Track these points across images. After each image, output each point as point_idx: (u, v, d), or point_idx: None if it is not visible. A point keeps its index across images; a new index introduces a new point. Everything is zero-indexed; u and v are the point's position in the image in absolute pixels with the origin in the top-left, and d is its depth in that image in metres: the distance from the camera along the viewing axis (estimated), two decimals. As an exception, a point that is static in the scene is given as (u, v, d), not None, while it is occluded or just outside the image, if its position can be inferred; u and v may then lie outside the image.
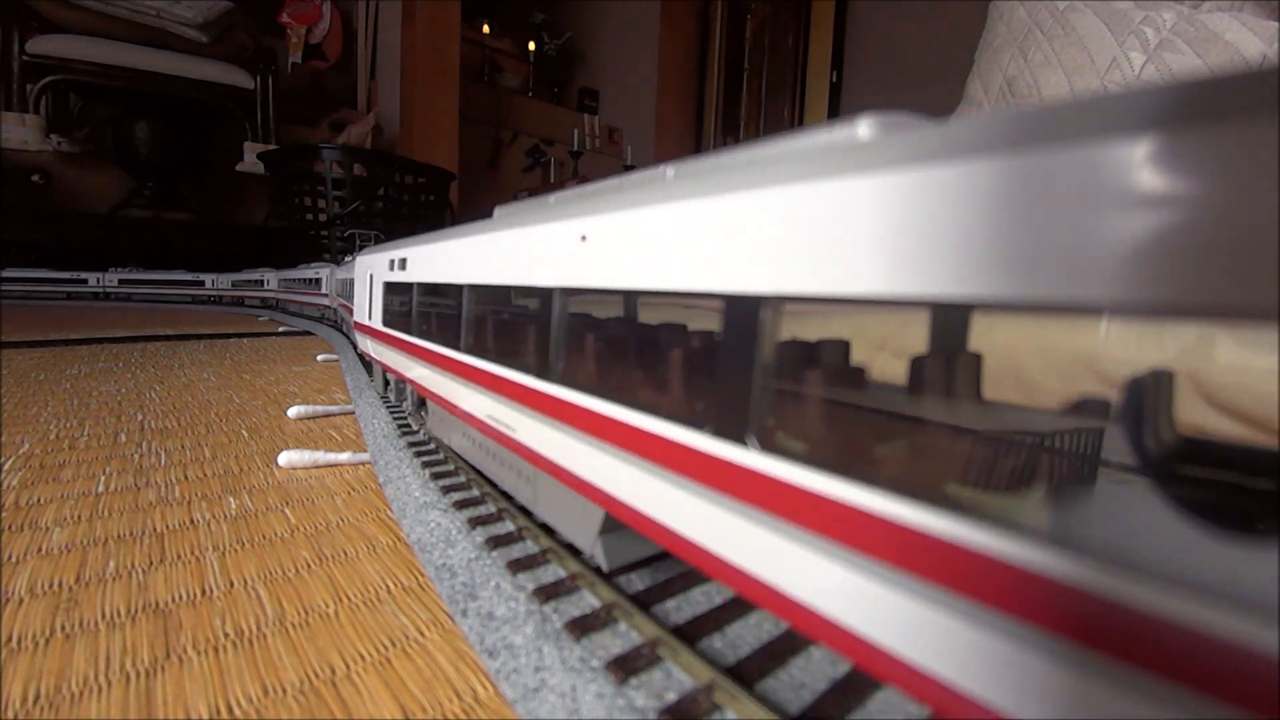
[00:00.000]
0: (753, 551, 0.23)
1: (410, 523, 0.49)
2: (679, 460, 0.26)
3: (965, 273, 0.16)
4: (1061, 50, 1.44)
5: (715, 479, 0.25)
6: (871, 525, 0.19)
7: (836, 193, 0.20)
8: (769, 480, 0.22)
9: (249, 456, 0.69)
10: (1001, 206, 0.15)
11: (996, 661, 0.16)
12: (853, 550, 0.19)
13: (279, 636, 0.35)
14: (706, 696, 0.29)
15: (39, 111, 3.35)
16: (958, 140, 0.17)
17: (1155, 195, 0.13)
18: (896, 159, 0.18)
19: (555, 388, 0.37)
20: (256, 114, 3.78)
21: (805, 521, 0.21)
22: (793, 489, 0.21)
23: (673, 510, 0.27)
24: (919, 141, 0.18)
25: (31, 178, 3.41)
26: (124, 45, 3.36)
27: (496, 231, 0.46)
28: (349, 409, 0.90)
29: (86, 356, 1.40)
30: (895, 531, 0.18)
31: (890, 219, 0.18)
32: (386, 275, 0.79)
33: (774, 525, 0.22)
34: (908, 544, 0.17)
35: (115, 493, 0.56)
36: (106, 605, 0.38)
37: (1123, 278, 0.13)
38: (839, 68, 3.68)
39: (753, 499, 0.23)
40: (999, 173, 0.15)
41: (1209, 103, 0.12)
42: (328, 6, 3.98)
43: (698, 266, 0.26)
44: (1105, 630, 0.14)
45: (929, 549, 0.17)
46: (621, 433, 0.30)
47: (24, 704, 0.29)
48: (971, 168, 0.16)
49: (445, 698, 0.30)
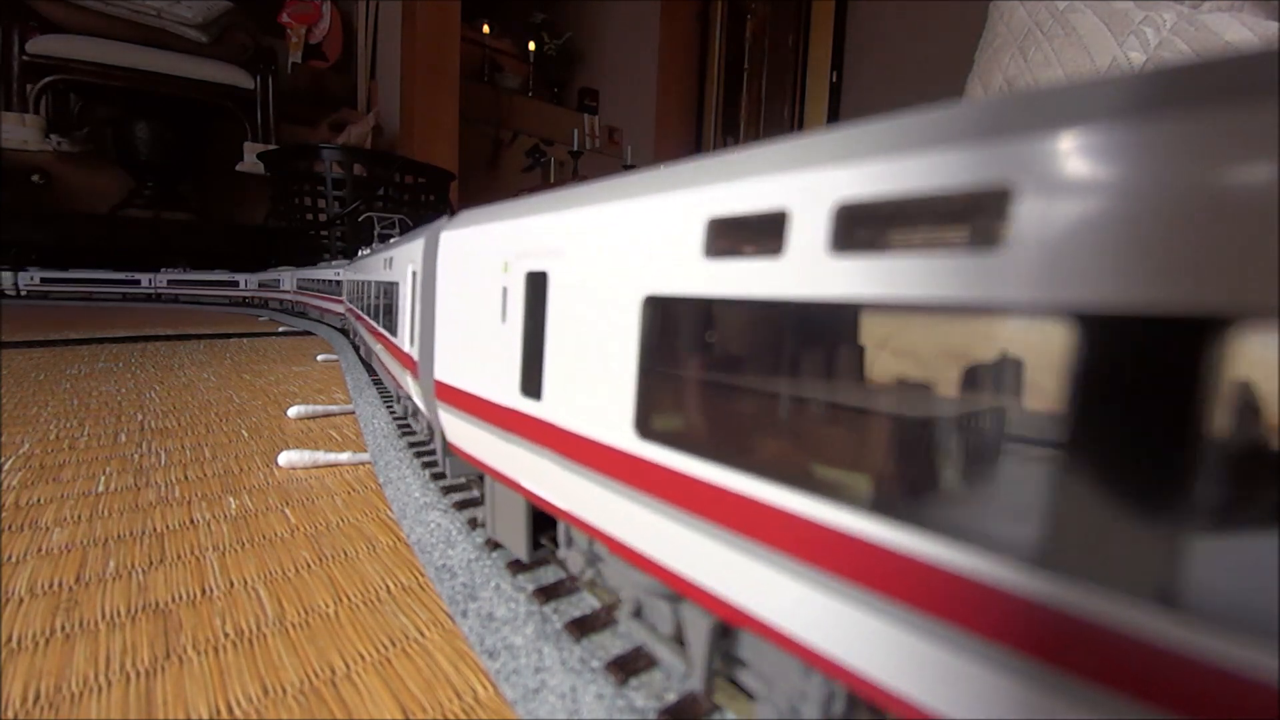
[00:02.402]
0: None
1: (410, 523, 0.49)
2: None
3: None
4: (1061, 50, 1.44)
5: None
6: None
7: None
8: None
9: (249, 456, 0.69)
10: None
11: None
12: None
13: (279, 636, 0.35)
14: (706, 697, 0.29)
15: (39, 111, 3.34)
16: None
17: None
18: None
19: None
20: (256, 114, 3.78)
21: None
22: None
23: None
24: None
25: (31, 178, 3.41)
26: (124, 45, 3.36)
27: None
28: (349, 409, 0.90)
29: (86, 356, 1.40)
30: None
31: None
32: (517, 284, 0.36)
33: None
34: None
35: (115, 493, 0.56)
36: (106, 605, 0.38)
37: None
38: (839, 68, 3.68)
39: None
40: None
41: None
42: (328, 6, 3.98)
43: None
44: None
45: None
46: None
47: (24, 704, 0.29)
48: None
49: (445, 698, 0.30)
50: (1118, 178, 0.13)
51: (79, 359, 1.36)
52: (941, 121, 0.17)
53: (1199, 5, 1.35)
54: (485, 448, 0.41)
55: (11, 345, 1.51)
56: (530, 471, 0.35)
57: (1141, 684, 0.13)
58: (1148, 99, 0.13)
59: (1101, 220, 0.13)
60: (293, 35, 3.93)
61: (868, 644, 0.18)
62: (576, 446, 0.30)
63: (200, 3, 3.50)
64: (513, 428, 0.36)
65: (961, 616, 0.16)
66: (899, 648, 0.17)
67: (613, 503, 0.28)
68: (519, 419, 0.35)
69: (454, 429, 0.46)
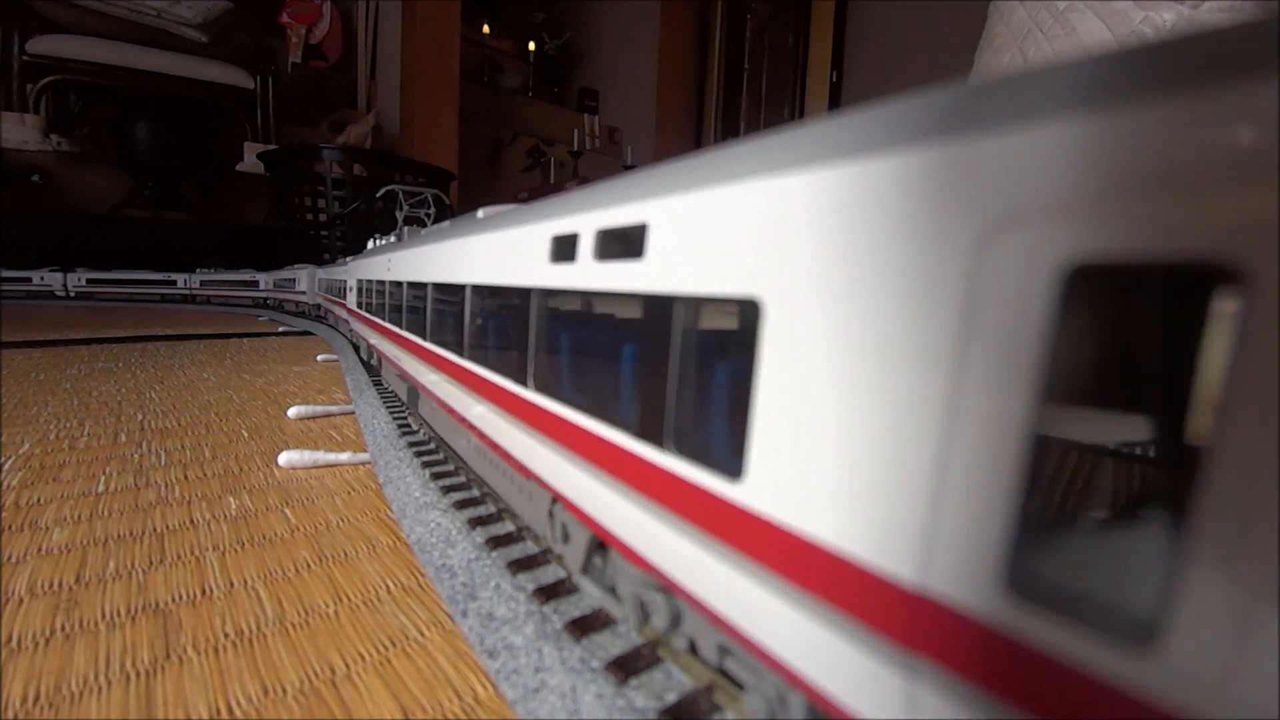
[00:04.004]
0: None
1: (410, 523, 0.49)
2: None
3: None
4: (1062, 50, 1.43)
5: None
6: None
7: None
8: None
9: (249, 456, 0.69)
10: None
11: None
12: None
13: (279, 636, 0.35)
14: (706, 697, 0.29)
15: (39, 111, 3.34)
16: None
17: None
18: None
19: None
20: (256, 114, 3.78)
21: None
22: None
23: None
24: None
25: (31, 178, 3.41)
26: (124, 45, 3.36)
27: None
28: (349, 409, 0.90)
29: (86, 356, 1.40)
30: None
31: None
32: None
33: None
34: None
35: (115, 493, 0.56)
36: (106, 605, 0.38)
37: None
38: (839, 68, 3.68)
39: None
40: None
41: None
42: (328, 6, 3.97)
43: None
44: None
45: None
46: None
47: (24, 704, 0.29)
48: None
49: (445, 698, 0.30)
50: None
51: (79, 359, 1.36)
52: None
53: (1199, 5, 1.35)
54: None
55: (11, 345, 1.51)
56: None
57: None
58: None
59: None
60: (293, 35, 3.93)
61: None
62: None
63: (200, 3, 3.50)
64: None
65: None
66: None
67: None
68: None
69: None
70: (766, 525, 0.20)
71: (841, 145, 0.18)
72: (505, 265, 0.44)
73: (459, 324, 0.55)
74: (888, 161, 0.17)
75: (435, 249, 0.65)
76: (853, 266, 0.17)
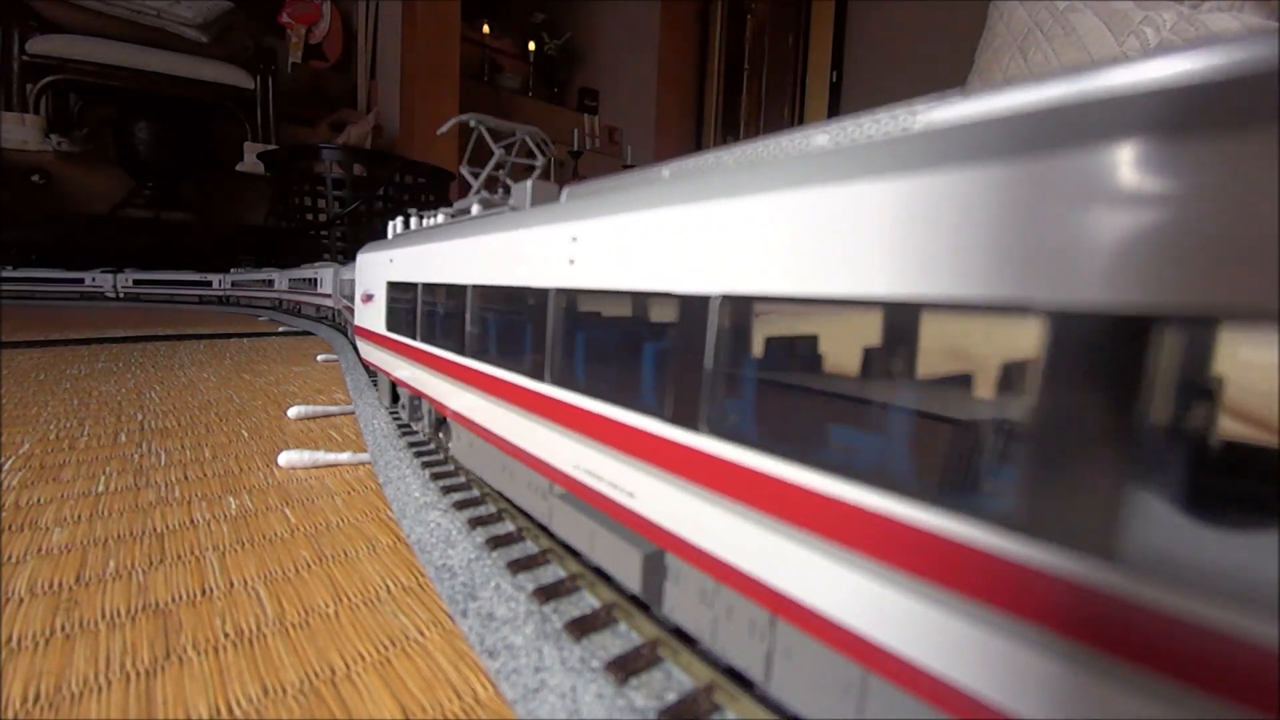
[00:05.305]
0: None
1: (410, 523, 0.49)
2: None
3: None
4: (1061, 50, 1.44)
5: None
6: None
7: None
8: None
9: (249, 456, 0.69)
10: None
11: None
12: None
13: (279, 636, 0.35)
14: (706, 696, 0.29)
15: (39, 111, 3.34)
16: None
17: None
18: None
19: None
20: (256, 114, 3.77)
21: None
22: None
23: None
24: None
25: (31, 178, 3.41)
26: (124, 45, 3.36)
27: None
28: (349, 409, 0.90)
29: (86, 356, 1.40)
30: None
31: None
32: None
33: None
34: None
35: (115, 493, 0.56)
36: (106, 605, 0.38)
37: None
38: (839, 68, 3.68)
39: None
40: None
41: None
42: (328, 6, 3.97)
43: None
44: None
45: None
46: None
47: (24, 704, 0.29)
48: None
49: (445, 698, 0.30)
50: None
51: (79, 359, 1.36)
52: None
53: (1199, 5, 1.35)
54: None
55: (11, 345, 1.51)
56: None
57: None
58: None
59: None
60: (293, 35, 3.93)
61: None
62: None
63: (200, 3, 3.49)
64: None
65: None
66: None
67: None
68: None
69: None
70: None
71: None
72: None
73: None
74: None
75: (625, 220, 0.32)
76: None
